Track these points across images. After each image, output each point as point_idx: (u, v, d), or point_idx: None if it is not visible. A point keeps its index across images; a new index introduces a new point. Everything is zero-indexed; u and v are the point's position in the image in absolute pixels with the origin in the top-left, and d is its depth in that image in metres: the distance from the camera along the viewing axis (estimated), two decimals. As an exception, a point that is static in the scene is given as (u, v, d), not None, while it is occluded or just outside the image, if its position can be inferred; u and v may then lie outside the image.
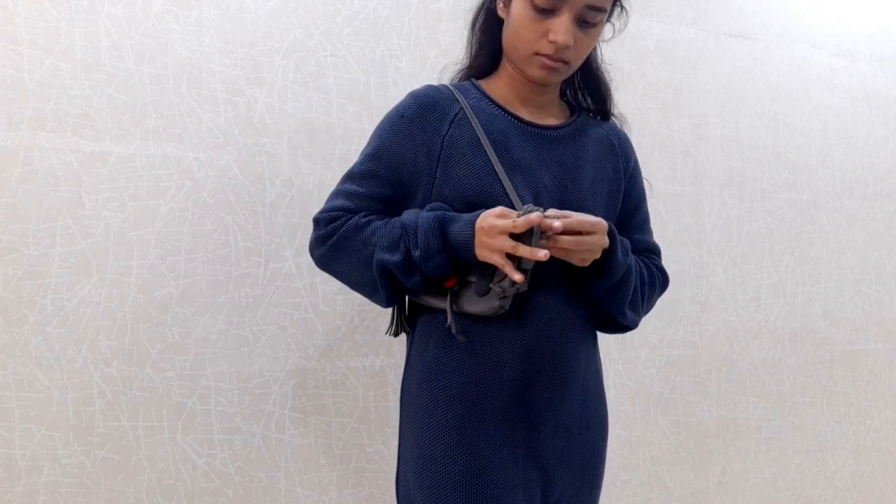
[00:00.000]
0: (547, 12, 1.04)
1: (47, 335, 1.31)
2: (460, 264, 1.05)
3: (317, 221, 1.11)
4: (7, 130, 1.29)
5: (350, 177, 1.12)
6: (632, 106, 1.77)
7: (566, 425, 1.09)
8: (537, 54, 1.07)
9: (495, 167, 1.06)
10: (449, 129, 1.09)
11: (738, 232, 1.91)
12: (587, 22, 1.06)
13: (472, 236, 1.00)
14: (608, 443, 1.22)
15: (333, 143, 1.50)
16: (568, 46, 1.05)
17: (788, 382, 1.97)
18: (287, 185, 1.47)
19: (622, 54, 1.13)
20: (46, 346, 1.31)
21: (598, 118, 1.24)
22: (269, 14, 1.46)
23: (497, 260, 0.99)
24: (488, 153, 1.07)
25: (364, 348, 1.52)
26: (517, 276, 0.98)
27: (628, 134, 1.26)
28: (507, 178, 1.06)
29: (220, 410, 1.42)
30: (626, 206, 1.22)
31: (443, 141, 1.08)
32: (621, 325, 1.18)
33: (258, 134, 1.45)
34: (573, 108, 1.22)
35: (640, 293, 1.16)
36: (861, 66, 2.07)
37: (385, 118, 1.13)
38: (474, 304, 1.04)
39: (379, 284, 1.06)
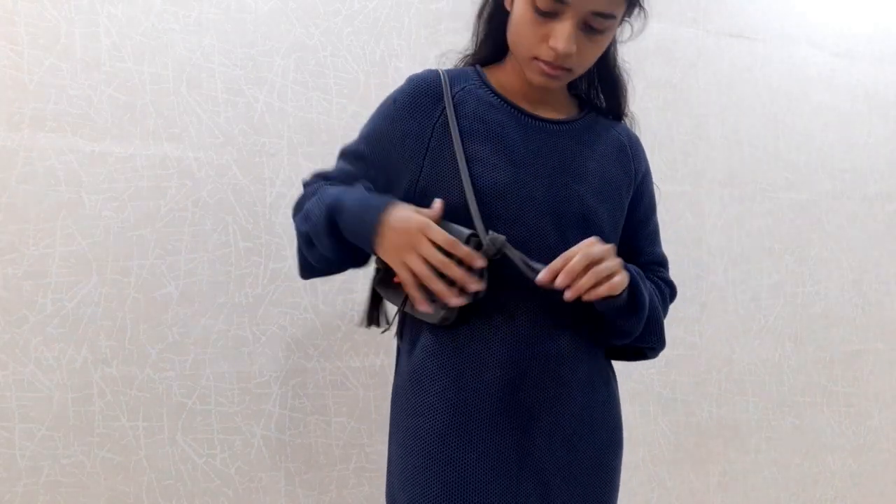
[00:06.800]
0: (549, 15, 0.93)
1: (47, 335, 1.31)
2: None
3: (304, 185, 1.11)
4: (7, 130, 1.29)
5: (343, 153, 1.09)
6: (632, 106, 1.76)
7: (565, 431, 0.99)
8: (536, 59, 0.97)
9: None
10: (440, 116, 1.01)
11: (738, 232, 1.91)
12: (593, 28, 0.95)
13: (374, 229, 0.91)
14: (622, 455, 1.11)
15: (333, 143, 1.50)
16: (570, 55, 0.95)
17: (788, 383, 1.97)
18: (287, 185, 1.46)
19: (622, 54, 1.13)
20: (46, 346, 1.31)
21: (610, 118, 1.15)
22: (269, 14, 1.46)
23: (404, 276, 0.89)
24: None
25: (364, 348, 1.52)
26: (423, 307, 0.89)
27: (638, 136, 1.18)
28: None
29: (220, 410, 1.42)
30: (636, 213, 1.13)
31: (433, 129, 1.00)
32: (642, 353, 1.11)
33: (258, 134, 1.45)
34: (584, 103, 1.14)
35: (661, 316, 1.08)
36: (861, 66, 2.07)
37: (384, 100, 1.08)
38: (420, 310, 0.94)
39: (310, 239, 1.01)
